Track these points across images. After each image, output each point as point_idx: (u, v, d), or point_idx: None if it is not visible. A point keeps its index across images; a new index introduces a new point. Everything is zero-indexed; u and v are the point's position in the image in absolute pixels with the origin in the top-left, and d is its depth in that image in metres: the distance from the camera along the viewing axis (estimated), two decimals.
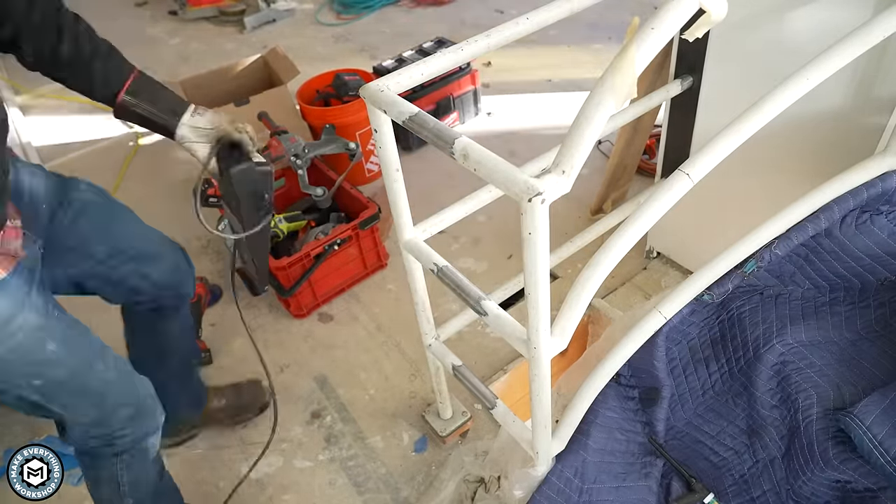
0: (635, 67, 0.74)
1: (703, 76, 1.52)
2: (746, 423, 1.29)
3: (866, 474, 1.11)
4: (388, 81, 0.96)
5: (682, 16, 0.75)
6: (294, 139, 2.17)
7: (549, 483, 1.18)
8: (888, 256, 1.20)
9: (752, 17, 1.34)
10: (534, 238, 0.78)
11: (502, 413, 1.25)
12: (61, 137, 3.30)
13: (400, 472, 1.61)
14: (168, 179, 2.87)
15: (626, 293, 1.98)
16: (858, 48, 0.91)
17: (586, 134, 0.75)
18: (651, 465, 1.27)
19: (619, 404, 1.31)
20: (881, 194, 1.14)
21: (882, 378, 1.22)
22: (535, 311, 0.87)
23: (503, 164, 0.77)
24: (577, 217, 2.28)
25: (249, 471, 1.54)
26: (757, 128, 0.89)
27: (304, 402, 1.81)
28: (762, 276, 1.27)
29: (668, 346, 1.30)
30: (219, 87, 2.68)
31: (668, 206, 0.88)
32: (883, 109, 1.23)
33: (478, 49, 1.01)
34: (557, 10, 1.09)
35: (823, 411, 1.18)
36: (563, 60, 3.30)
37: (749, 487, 1.23)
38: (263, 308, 2.13)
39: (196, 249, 2.43)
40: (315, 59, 3.55)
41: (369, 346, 1.94)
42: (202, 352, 1.92)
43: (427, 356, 1.44)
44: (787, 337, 1.27)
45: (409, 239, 1.16)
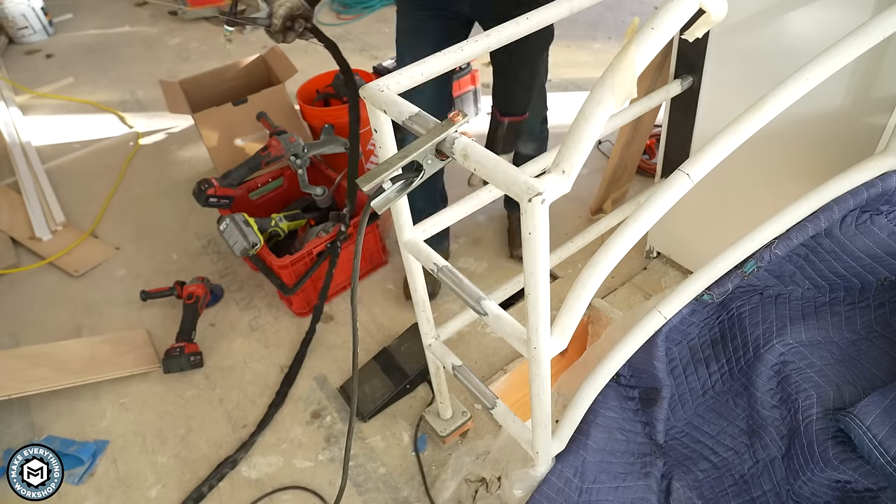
0: (635, 67, 0.74)
1: (703, 76, 1.52)
2: (746, 424, 1.29)
3: (866, 474, 1.11)
4: (388, 81, 0.96)
5: (682, 16, 0.75)
6: (293, 139, 2.17)
7: (549, 483, 1.18)
8: (888, 256, 1.20)
9: (752, 17, 1.34)
10: (534, 238, 0.78)
11: (502, 413, 1.25)
12: (61, 137, 3.30)
13: (400, 472, 1.61)
14: (168, 179, 2.87)
15: (626, 293, 1.98)
16: (858, 48, 0.91)
17: (586, 134, 0.75)
18: (651, 465, 1.27)
19: (619, 404, 1.31)
20: (881, 194, 1.14)
21: (882, 378, 1.22)
22: (535, 311, 0.87)
23: (503, 164, 0.77)
24: (577, 217, 2.28)
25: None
26: (757, 128, 0.89)
27: (304, 402, 1.82)
28: (762, 276, 1.27)
29: (668, 347, 1.30)
30: (218, 86, 2.68)
31: (668, 206, 0.88)
32: (883, 109, 1.23)
33: (478, 49, 1.01)
34: (557, 10, 1.09)
35: (823, 411, 1.18)
36: (562, 60, 3.30)
37: (749, 487, 1.23)
38: (263, 308, 2.13)
39: (196, 249, 2.43)
40: (315, 59, 3.55)
41: (370, 345, 1.94)
42: (193, 354, 1.91)
43: (427, 356, 1.44)
44: (787, 337, 1.27)
45: (410, 239, 1.16)
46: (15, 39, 4.46)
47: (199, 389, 1.89)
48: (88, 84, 3.82)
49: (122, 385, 1.92)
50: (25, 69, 4.02)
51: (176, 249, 2.45)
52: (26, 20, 4.40)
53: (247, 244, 1.92)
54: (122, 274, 2.37)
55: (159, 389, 1.90)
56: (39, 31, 4.50)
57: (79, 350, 2.00)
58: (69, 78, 3.87)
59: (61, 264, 2.41)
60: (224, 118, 2.42)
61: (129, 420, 1.83)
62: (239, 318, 2.11)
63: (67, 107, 3.60)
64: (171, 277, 2.21)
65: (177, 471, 1.68)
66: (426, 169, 0.84)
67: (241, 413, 1.81)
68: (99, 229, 2.62)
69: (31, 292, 2.34)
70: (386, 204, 0.85)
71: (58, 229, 2.58)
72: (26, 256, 2.50)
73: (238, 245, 1.93)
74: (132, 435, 1.79)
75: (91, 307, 2.24)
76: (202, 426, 1.79)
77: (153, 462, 1.72)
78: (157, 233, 2.55)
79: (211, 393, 1.87)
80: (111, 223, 2.65)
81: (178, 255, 2.42)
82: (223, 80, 2.71)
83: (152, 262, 2.41)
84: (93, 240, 2.55)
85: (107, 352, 2.00)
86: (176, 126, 3.25)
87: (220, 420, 1.80)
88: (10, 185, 2.87)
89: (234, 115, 2.43)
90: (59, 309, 2.24)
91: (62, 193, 2.82)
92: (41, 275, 2.40)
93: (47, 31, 4.56)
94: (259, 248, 1.95)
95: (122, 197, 2.81)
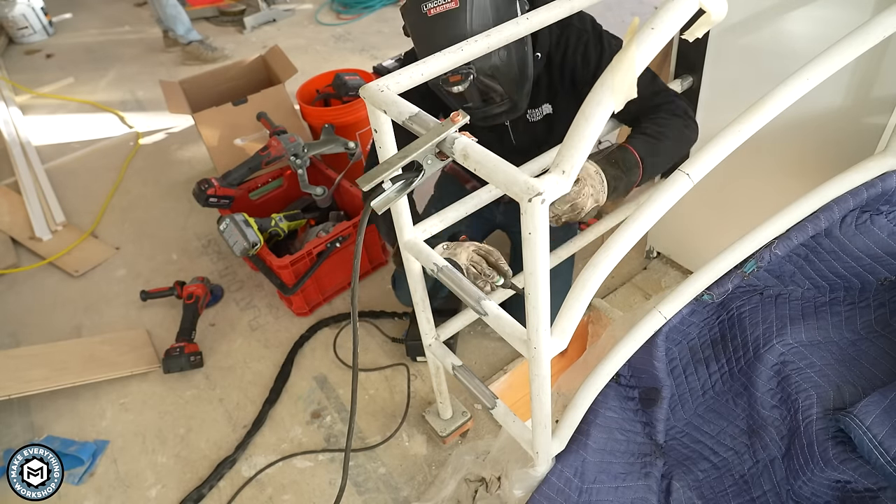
0: (635, 67, 0.74)
1: (703, 76, 1.52)
2: (746, 424, 1.29)
3: (866, 474, 1.11)
4: (388, 81, 0.96)
5: (682, 16, 0.75)
6: (293, 139, 2.17)
7: (549, 483, 1.18)
8: (888, 256, 1.20)
9: (752, 17, 1.34)
10: (534, 238, 0.78)
11: (502, 413, 1.25)
12: (61, 137, 3.30)
13: (400, 472, 1.61)
14: (168, 179, 2.87)
15: (626, 293, 1.98)
16: (858, 48, 0.91)
17: (586, 134, 0.75)
18: (651, 465, 1.27)
19: (619, 404, 1.31)
20: (881, 194, 1.14)
21: (882, 378, 1.22)
22: (535, 311, 0.87)
23: (503, 164, 0.77)
24: None
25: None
26: (757, 128, 0.89)
27: (304, 402, 1.82)
28: (762, 276, 1.27)
29: (668, 347, 1.29)
30: (218, 86, 2.69)
31: (668, 206, 0.88)
32: (883, 109, 1.23)
33: (478, 49, 1.01)
34: (557, 10, 1.09)
35: (823, 411, 1.18)
36: None
37: (749, 488, 1.23)
38: (263, 308, 2.13)
39: (196, 249, 2.43)
40: (315, 59, 3.55)
41: (370, 345, 1.94)
42: (193, 354, 1.91)
43: (427, 356, 1.44)
44: (787, 337, 1.27)
45: (410, 239, 1.16)
46: (15, 39, 4.46)
47: (199, 389, 1.89)
48: (88, 84, 3.82)
49: (122, 385, 1.92)
50: (25, 69, 4.02)
51: (176, 249, 2.45)
52: (26, 20, 4.40)
53: (247, 244, 1.92)
54: (122, 274, 2.37)
55: (159, 389, 1.90)
56: (39, 31, 4.50)
57: (79, 350, 2.00)
58: (69, 78, 3.87)
59: (61, 264, 2.41)
60: (224, 118, 2.42)
61: (129, 420, 1.83)
62: (239, 318, 2.11)
63: (67, 107, 3.60)
64: (171, 277, 2.21)
65: (177, 471, 1.68)
66: (426, 169, 0.84)
67: (241, 413, 1.81)
68: (99, 229, 2.62)
69: (31, 292, 2.34)
70: (386, 204, 0.85)
71: (58, 229, 2.58)
72: (26, 256, 2.50)
73: (238, 245, 1.93)
74: (132, 435, 1.79)
75: (91, 307, 2.24)
76: (202, 426, 1.79)
77: (153, 462, 1.71)
78: (157, 233, 2.55)
79: (211, 393, 1.87)
80: (111, 223, 2.65)
81: (178, 255, 2.42)
82: (223, 80, 2.71)
83: (152, 262, 2.41)
84: (93, 240, 2.55)
85: (107, 352, 2.00)
86: (176, 126, 3.25)
87: (219, 420, 1.80)
88: (10, 185, 2.87)
89: (234, 115, 2.44)
90: (59, 309, 2.24)
91: (62, 193, 2.82)
92: (41, 275, 2.40)
93: (47, 31, 4.56)
94: (259, 248, 1.95)
95: (122, 197, 2.81)
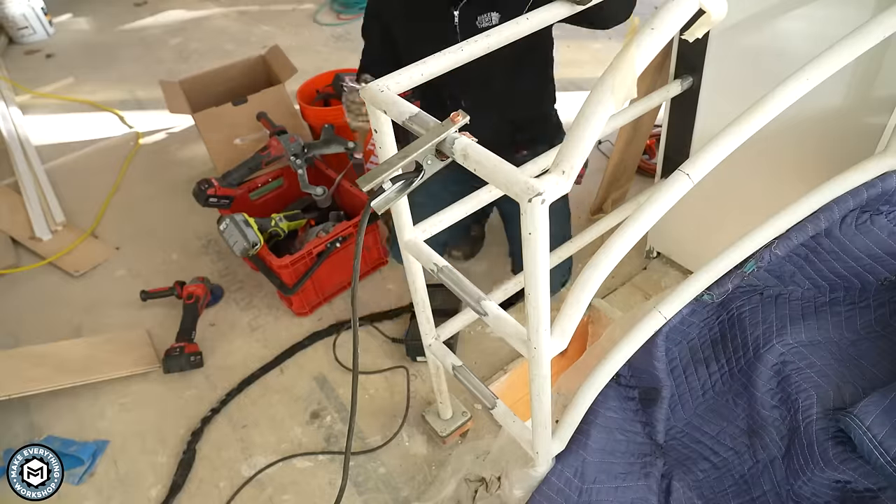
0: (635, 67, 0.74)
1: (703, 76, 1.52)
2: (746, 424, 1.29)
3: (866, 474, 1.11)
4: (388, 81, 0.96)
5: (682, 16, 0.75)
6: (293, 139, 2.17)
7: (549, 483, 1.17)
8: (888, 256, 1.20)
9: (752, 17, 1.34)
10: (534, 238, 0.78)
11: (502, 413, 1.25)
12: (61, 137, 3.30)
13: (400, 472, 1.61)
14: (168, 179, 2.87)
15: (626, 293, 1.98)
16: (858, 48, 0.91)
17: (586, 134, 0.75)
18: (651, 465, 1.26)
19: (619, 404, 1.31)
20: (881, 194, 1.14)
21: (882, 378, 1.22)
22: (535, 311, 0.87)
23: (503, 164, 0.77)
24: (577, 217, 2.28)
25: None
26: (757, 128, 0.89)
27: (304, 402, 1.82)
28: (762, 276, 1.27)
29: (668, 347, 1.29)
30: (218, 86, 2.68)
31: (668, 206, 0.88)
32: (883, 109, 1.23)
33: (478, 49, 1.01)
34: (557, 10, 1.09)
35: (823, 411, 1.18)
36: (562, 60, 3.29)
37: (749, 488, 1.23)
38: (263, 308, 2.13)
39: (196, 249, 2.43)
40: (315, 59, 3.55)
41: (370, 345, 1.94)
42: (193, 354, 1.91)
43: (427, 356, 1.44)
44: (787, 337, 1.27)
45: (410, 239, 1.16)
46: (15, 39, 4.45)
47: (199, 389, 1.89)
48: (88, 84, 3.81)
49: (122, 385, 1.92)
50: (25, 69, 4.01)
51: (176, 249, 2.45)
52: (26, 20, 4.40)
53: (247, 244, 1.92)
54: (122, 274, 2.37)
55: (159, 389, 1.90)
56: (39, 31, 4.49)
57: (79, 350, 2.00)
58: (69, 78, 3.87)
59: (61, 264, 2.41)
60: (224, 118, 2.42)
61: (129, 420, 1.83)
62: (239, 318, 2.11)
63: (67, 106, 3.60)
64: (171, 277, 2.20)
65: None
66: (426, 169, 0.84)
67: (241, 413, 1.81)
68: (99, 229, 2.62)
69: (31, 292, 2.33)
70: (386, 204, 0.85)
71: (58, 229, 2.58)
72: (26, 256, 2.50)
73: (238, 245, 1.93)
74: (132, 435, 1.79)
75: (91, 307, 2.24)
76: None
77: (153, 462, 1.71)
78: (157, 233, 2.55)
79: (211, 393, 1.87)
80: (111, 223, 2.65)
81: (178, 255, 2.42)
82: (223, 80, 2.71)
83: (152, 262, 2.41)
84: (93, 240, 2.55)
85: (107, 352, 1.99)
86: (176, 126, 3.25)
87: (220, 420, 1.80)
88: (10, 185, 2.87)
89: (234, 115, 2.43)
90: (59, 309, 2.24)
91: (62, 193, 2.82)
92: (41, 275, 2.40)
93: (47, 31, 4.55)
94: (259, 248, 1.95)
95: (122, 197, 2.81)
